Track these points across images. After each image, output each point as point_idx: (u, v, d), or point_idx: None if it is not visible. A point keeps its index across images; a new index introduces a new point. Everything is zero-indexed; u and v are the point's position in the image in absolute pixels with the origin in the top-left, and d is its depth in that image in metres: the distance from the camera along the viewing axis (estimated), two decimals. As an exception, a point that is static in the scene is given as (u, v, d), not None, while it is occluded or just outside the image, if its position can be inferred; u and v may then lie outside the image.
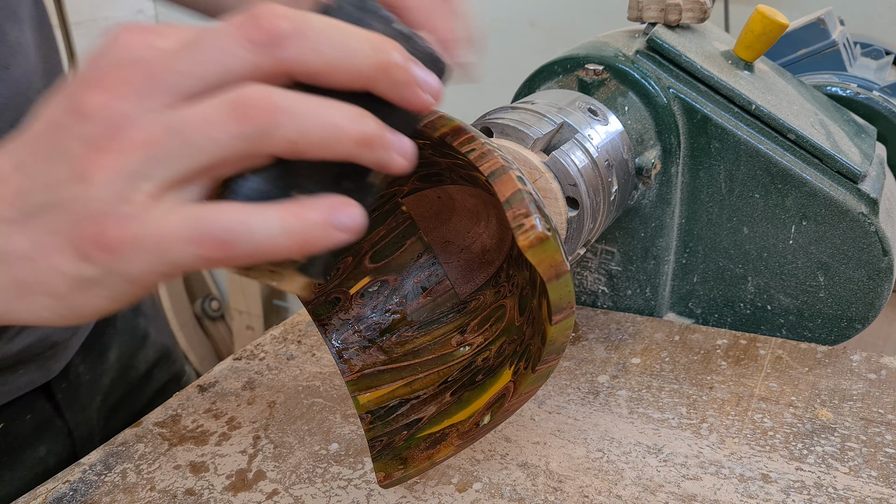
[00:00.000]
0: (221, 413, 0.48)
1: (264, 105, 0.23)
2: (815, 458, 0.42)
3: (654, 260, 0.57)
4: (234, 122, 0.23)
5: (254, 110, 0.23)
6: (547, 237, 0.28)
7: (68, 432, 0.55)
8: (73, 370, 0.55)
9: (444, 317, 0.41)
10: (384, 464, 0.38)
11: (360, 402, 0.40)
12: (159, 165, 0.23)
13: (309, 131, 0.24)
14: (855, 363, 0.51)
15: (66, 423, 0.55)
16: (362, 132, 0.25)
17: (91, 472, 0.43)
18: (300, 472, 0.43)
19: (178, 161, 0.24)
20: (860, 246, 0.52)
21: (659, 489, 0.40)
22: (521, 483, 0.41)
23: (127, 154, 0.23)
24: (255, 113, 0.23)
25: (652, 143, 0.54)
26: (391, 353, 0.41)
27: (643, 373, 0.51)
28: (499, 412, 0.35)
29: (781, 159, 0.53)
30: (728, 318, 0.58)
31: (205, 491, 0.41)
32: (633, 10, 0.58)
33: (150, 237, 0.23)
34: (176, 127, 0.23)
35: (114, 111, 0.23)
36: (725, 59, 0.58)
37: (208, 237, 0.23)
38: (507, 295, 0.39)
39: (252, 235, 0.24)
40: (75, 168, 0.24)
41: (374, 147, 0.25)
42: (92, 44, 1.30)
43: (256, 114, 0.23)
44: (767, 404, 0.47)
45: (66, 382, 0.55)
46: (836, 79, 0.68)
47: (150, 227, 0.23)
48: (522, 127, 0.44)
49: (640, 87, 0.54)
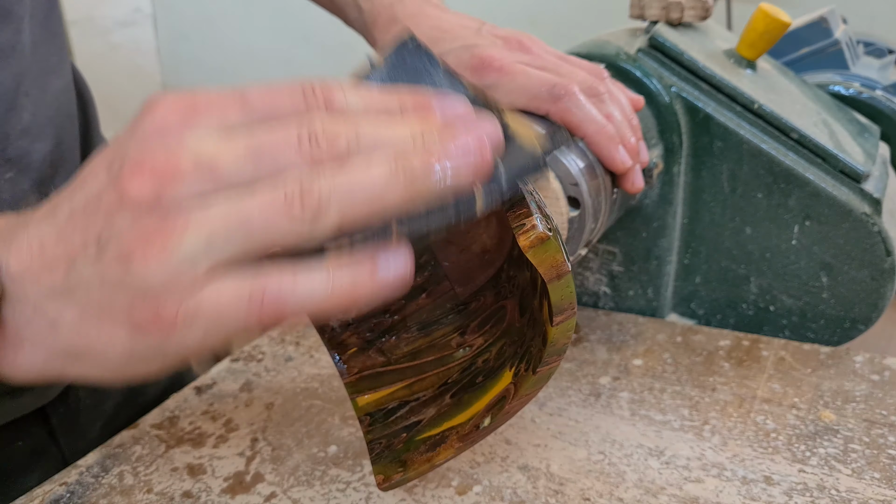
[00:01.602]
0: (219, 415, 0.48)
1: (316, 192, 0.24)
2: (818, 460, 0.41)
3: (656, 260, 0.57)
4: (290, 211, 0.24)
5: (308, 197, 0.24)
6: (548, 237, 0.28)
7: (63, 460, 0.51)
8: (73, 394, 0.52)
9: (443, 318, 0.41)
10: (383, 466, 0.37)
11: (359, 404, 0.40)
12: (215, 249, 0.24)
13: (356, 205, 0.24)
14: (858, 364, 0.50)
15: (61, 451, 0.52)
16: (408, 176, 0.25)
17: (88, 474, 0.43)
18: (298, 475, 0.42)
19: (236, 245, 0.24)
20: (863, 246, 0.51)
21: (661, 492, 0.40)
22: (521, 486, 0.41)
23: (182, 239, 0.23)
24: (311, 198, 0.24)
25: (654, 142, 0.53)
26: (390, 354, 0.40)
27: (645, 374, 0.50)
28: (499, 414, 0.34)
29: (784, 159, 0.52)
30: (731, 319, 0.58)
31: (202, 493, 0.41)
32: (634, 8, 0.58)
33: (205, 311, 0.24)
34: (234, 215, 0.24)
35: (165, 202, 0.24)
36: (728, 58, 0.57)
37: (262, 302, 0.24)
38: (507, 296, 0.39)
39: (300, 297, 0.24)
40: (124, 250, 0.24)
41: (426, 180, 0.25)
42: (90, 45, 1.29)
43: (310, 199, 0.24)
44: (770, 406, 0.46)
45: (63, 407, 0.52)
46: (839, 78, 0.68)
47: (205, 301, 0.24)
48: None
49: (642, 85, 0.53)
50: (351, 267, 0.25)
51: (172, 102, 0.25)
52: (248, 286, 0.24)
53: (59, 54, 0.49)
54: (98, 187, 0.25)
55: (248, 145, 0.24)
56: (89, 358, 0.26)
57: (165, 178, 0.24)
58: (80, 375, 0.27)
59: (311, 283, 0.24)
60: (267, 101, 0.26)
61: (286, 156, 0.24)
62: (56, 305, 0.25)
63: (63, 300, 0.25)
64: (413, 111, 0.26)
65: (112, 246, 0.24)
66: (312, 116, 0.25)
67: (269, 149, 0.24)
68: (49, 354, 0.26)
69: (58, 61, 0.48)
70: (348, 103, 0.26)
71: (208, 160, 0.24)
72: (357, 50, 0.82)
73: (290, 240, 0.24)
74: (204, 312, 0.24)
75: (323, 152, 0.24)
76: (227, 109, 0.25)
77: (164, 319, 0.24)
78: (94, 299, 0.25)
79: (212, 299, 0.24)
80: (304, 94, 0.26)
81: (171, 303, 0.24)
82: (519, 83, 0.44)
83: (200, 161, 0.24)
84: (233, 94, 0.26)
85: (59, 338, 0.25)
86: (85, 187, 0.25)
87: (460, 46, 0.47)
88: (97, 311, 0.25)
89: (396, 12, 0.51)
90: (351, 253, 0.25)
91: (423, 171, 0.24)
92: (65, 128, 0.48)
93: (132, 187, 0.24)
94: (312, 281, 0.24)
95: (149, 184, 0.24)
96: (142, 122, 0.25)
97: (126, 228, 0.24)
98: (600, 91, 0.45)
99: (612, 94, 0.46)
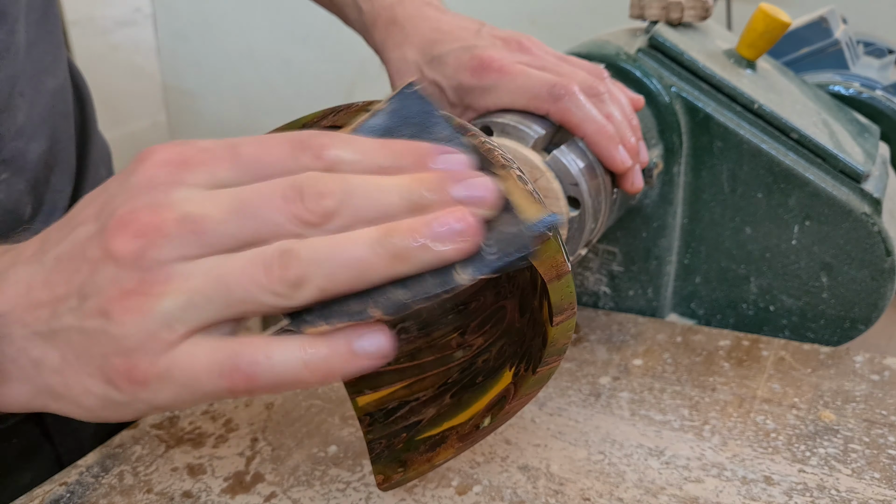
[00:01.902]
0: (219, 415, 0.48)
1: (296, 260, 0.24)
2: (818, 460, 0.41)
3: (656, 260, 0.57)
4: (270, 278, 0.24)
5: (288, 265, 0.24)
6: (548, 237, 0.28)
7: (57, 458, 0.51)
8: None
9: (443, 318, 0.41)
10: (383, 466, 0.37)
11: (359, 404, 0.40)
12: (193, 312, 0.24)
13: (339, 273, 0.24)
14: (858, 364, 0.50)
15: (54, 449, 0.51)
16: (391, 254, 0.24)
17: (88, 474, 0.43)
18: (298, 475, 0.42)
19: (213, 309, 0.24)
20: (863, 246, 0.51)
21: (661, 492, 0.40)
22: (521, 486, 0.41)
23: (161, 300, 0.24)
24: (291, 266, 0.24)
25: (654, 142, 0.53)
26: (390, 354, 0.40)
27: (645, 374, 0.50)
28: (499, 414, 0.34)
29: (784, 159, 0.52)
30: (731, 318, 0.58)
31: (202, 493, 0.41)
32: (634, 8, 0.58)
33: (179, 372, 0.24)
34: (214, 277, 0.24)
35: (147, 261, 0.24)
36: (728, 58, 0.57)
37: (235, 372, 0.24)
38: (507, 296, 0.39)
39: (275, 369, 0.24)
40: (104, 305, 0.24)
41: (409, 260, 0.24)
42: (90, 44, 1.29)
43: (291, 268, 0.24)
44: (770, 406, 0.46)
45: None
46: (839, 77, 0.68)
47: (179, 362, 0.24)
48: (523, 126, 0.44)
49: (642, 85, 0.53)
50: (327, 342, 0.25)
51: (164, 154, 0.26)
52: (221, 354, 0.24)
53: (55, 53, 0.48)
54: (84, 237, 0.25)
55: (233, 204, 0.25)
56: (67, 400, 0.26)
57: (149, 238, 0.24)
58: (61, 412, 0.27)
59: (284, 356, 0.24)
60: (258, 156, 0.26)
61: (270, 215, 0.24)
62: (40, 347, 0.26)
63: (46, 343, 0.26)
64: (409, 168, 0.26)
65: (92, 299, 0.25)
66: (301, 175, 0.25)
67: (255, 207, 0.24)
68: (33, 391, 0.27)
69: (53, 60, 0.48)
70: (341, 158, 0.26)
71: (193, 220, 0.24)
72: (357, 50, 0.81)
73: (269, 306, 0.24)
74: (176, 374, 0.24)
75: (309, 212, 0.24)
76: (218, 164, 0.25)
77: (135, 377, 0.24)
78: (73, 347, 0.25)
79: (184, 363, 0.24)
80: (295, 148, 0.26)
81: (144, 361, 0.24)
82: (519, 83, 0.44)
83: (185, 221, 0.24)
84: (225, 147, 0.26)
85: (41, 377, 0.26)
86: (73, 233, 0.26)
87: (460, 47, 0.47)
88: (75, 359, 0.25)
89: (396, 14, 0.51)
90: (328, 326, 0.25)
91: (408, 250, 0.24)
92: (60, 127, 0.48)
93: (116, 244, 0.24)
94: (286, 353, 0.24)
95: (133, 242, 0.24)
96: (133, 174, 0.26)
97: (107, 283, 0.24)
98: (600, 91, 0.45)
99: (612, 94, 0.46)
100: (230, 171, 0.26)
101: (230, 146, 0.26)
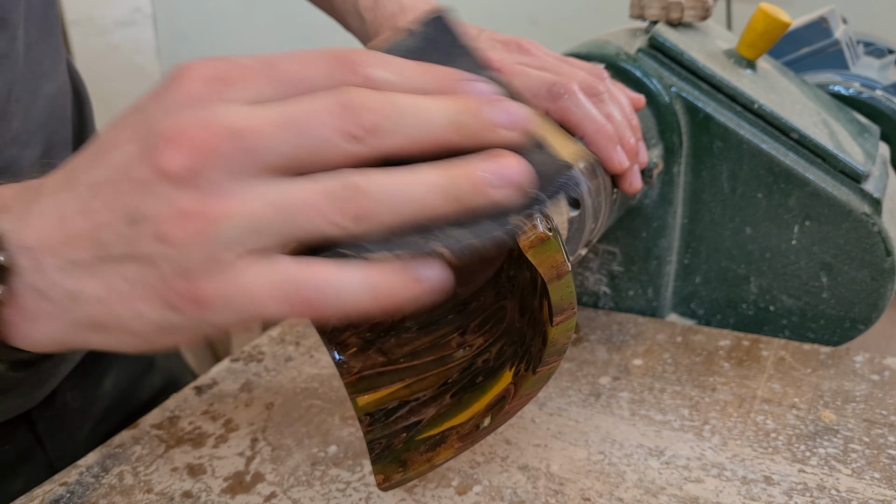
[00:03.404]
0: (219, 415, 0.48)
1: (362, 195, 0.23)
2: (818, 460, 0.41)
3: (656, 260, 0.57)
4: (334, 210, 0.23)
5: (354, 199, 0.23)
6: (548, 237, 0.28)
7: (49, 464, 0.50)
8: (60, 397, 0.51)
9: (443, 318, 0.41)
10: (383, 466, 0.37)
11: (359, 404, 0.40)
12: (254, 236, 0.23)
13: (402, 211, 0.24)
14: (858, 364, 0.50)
15: (47, 455, 0.50)
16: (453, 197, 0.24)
17: (88, 474, 0.43)
18: (298, 475, 0.42)
19: (276, 235, 0.24)
20: (863, 246, 0.51)
21: (661, 492, 0.40)
22: (521, 486, 0.41)
23: (222, 222, 0.23)
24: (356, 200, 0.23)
25: (654, 142, 0.53)
26: (390, 354, 0.40)
27: (645, 374, 0.50)
28: (499, 414, 0.34)
29: (784, 159, 0.52)
30: (730, 319, 0.58)
31: (202, 493, 0.41)
32: (634, 8, 0.58)
33: (241, 294, 0.24)
34: (278, 205, 0.23)
35: (203, 179, 0.23)
36: (728, 58, 0.57)
37: (296, 297, 0.24)
38: (507, 296, 0.39)
39: (338, 295, 0.24)
40: (160, 228, 0.23)
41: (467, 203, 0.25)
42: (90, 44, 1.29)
43: (356, 201, 0.23)
44: (770, 406, 0.46)
45: (50, 410, 0.50)
46: (839, 77, 0.68)
47: (242, 285, 0.24)
48: (523, 126, 0.44)
49: (642, 85, 0.53)
50: (393, 269, 0.24)
51: (202, 71, 0.24)
52: (286, 276, 0.24)
53: (54, 56, 0.47)
54: (124, 159, 0.24)
55: (281, 119, 0.24)
56: (114, 330, 0.25)
57: (203, 153, 0.23)
58: (102, 346, 0.26)
59: (349, 282, 0.24)
60: (298, 72, 0.25)
61: (318, 129, 0.24)
62: (77, 279, 0.24)
63: (86, 274, 0.24)
64: (445, 92, 0.26)
65: (145, 223, 0.23)
66: (345, 89, 0.24)
67: (302, 122, 0.24)
68: (68, 326, 0.25)
69: (51, 64, 0.47)
70: (381, 77, 0.25)
71: (243, 135, 0.23)
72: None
73: (331, 236, 0.24)
74: (239, 296, 0.23)
75: (355, 125, 0.24)
76: (258, 80, 0.25)
77: (198, 299, 0.23)
78: (122, 275, 0.24)
79: (248, 284, 0.23)
80: (336, 64, 0.25)
81: (207, 284, 0.23)
82: (518, 83, 0.44)
83: (236, 137, 0.23)
84: (264, 63, 0.25)
85: (80, 310, 0.25)
86: (108, 157, 0.24)
87: None
88: (126, 287, 0.24)
89: (398, 24, 0.51)
90: (391, 255, 0.24)
91: (469, 194, 0.24)
92: (56, 132, 0.47)
93: (168, 161, 0.23)
94: (352, 280, 0.24)
95: (186, 158, 0.23)
96: (170, 92, 0.24)
97: (161, 205, 0.23)
98: (600, 90, 0.45)
99: (611, 94, 0.46)
100: (270, 87, 0.25)
101: (269, 63, 0.25)
